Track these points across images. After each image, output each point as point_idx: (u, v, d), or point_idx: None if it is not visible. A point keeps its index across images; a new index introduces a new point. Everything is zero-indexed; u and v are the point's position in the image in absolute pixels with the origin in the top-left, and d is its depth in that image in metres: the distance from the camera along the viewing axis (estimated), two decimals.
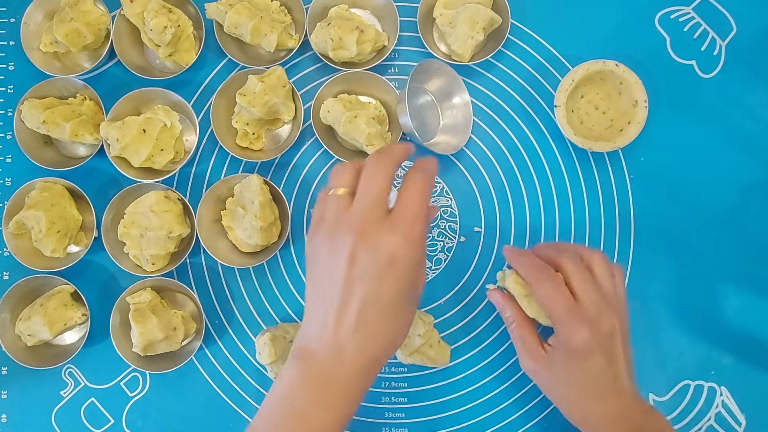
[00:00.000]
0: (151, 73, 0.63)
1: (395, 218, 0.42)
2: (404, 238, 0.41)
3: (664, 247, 0.62)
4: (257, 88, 0.59)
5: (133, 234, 0.59)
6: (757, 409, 0.60)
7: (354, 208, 0.43)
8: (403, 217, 0.42)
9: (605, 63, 0.59)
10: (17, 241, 0.61)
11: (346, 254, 0.41)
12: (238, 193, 0.60)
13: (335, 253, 0.42)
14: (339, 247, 0.42)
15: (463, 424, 0.61)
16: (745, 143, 0.62)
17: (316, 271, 0.44)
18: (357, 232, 0.41)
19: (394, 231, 0.41)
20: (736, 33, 0.63)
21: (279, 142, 0.64)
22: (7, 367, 0.62)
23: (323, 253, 0.43)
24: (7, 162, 0.64)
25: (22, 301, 0.61)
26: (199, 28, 0.63)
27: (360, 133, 0.58)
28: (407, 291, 0.43)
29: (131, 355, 0.59)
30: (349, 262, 0.41)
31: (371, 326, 0.42)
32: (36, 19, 0.63)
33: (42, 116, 0.59)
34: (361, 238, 0.41)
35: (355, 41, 0.59)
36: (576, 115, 0.62)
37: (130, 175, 0.60)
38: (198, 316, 0.61)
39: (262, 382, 0.62)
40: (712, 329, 0.61)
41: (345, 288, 0.41)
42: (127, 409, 0.62)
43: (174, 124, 0.61)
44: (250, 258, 0.61)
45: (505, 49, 0.64)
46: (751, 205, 0.62)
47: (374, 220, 0.41)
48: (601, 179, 0.63)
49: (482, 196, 0.63)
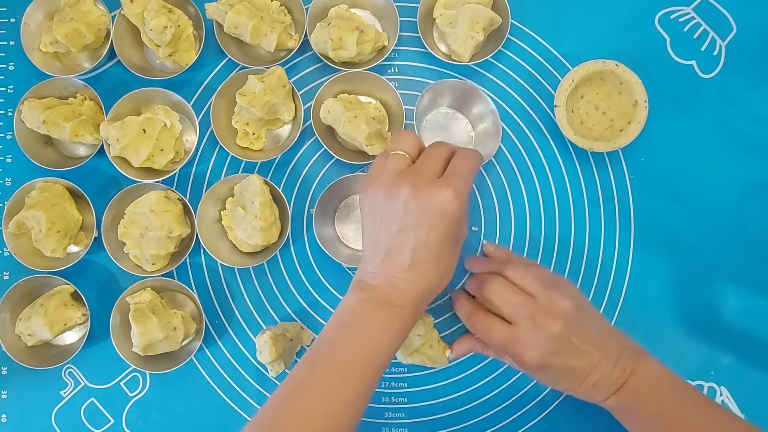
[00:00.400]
0: (151, 73, 0.63)
1: (448, 176, 0.48)
2: (455, 193, 0.47)
3: (664, 247, 0.62)
4: (257, 88, 0.59)
5: (133, 234, 0.59)
6: (757, 409, 0.60)
7: (412, 167, 0.49)
8: (455, 175, 0.48)
9: (605, 63, 0.59)
10: (17, 241, 0.61)
11: (402, 203, 0.47)
12: (238, 193, 0.60)
13: (391, 201, 0.47)
14: (395, 197, 0.47)
15: (463, 424, 0.61)
16: (745, 143, 0.62)
17: (372, 217, 0.49)
18: (412, 185, 0.47)
19: (445, 186, 0.47)
20: (736, 33, 0.63)
21: (279, 142, 0.64)
22: (7, 367, 0.62)
23: (380, 201, 0.48)
24: (7, 162, 0.64)
25: (22, 301, 0.61)
26: (199, 28, 0.63)
27: (360, 133, 0.58)
28: (453, 238, 0.48)
29: (131, 355, 0.59)
30: (404, 211, 0.47)
31: (421, 266, 0.47)
32: (36, 19, 0.63)
33: (42, 116, 0.59)
34: (416, 191, 0.47)
35: (355, 41, 0.59)
36: (576, 115, 0.62)
37: (130, 175, 0.60)
38: (198, 316, 0.61)
39: (262, 382, 0.62)
40: (712, 329, 0.61)
41: (399, 234, 0.47)
42: (127, 409, 0.62)
43: (174, 124, 0.61)
44: (250, 258, 0.61)
45: (505, 49, 0.64)
46: (751, 205, 0.62)
47: (429, 178, 0.48)
48: (601, 179, 0.63)
49: (482, 196, 0.63)
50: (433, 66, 0.64)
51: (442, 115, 0.63)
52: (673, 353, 0.61)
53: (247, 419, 0.61)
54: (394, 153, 0.50)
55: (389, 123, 0.63)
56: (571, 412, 0.61)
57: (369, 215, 0.50)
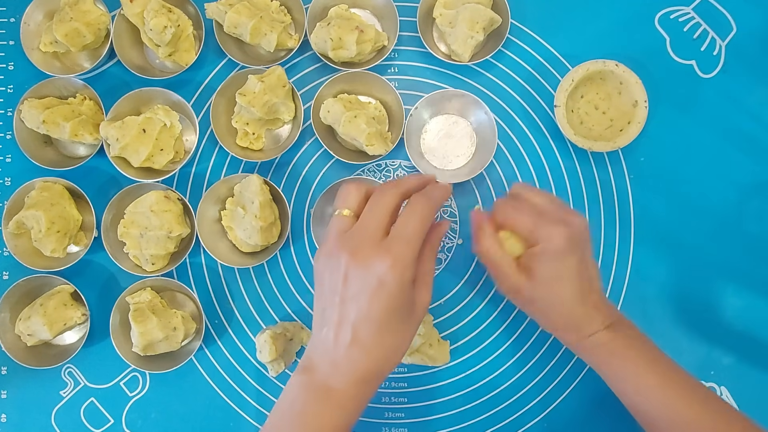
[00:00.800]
0: (151, 73, 0.63)
1: (389, 240, 0.44)
2: (393, 260, 0.43)
3: (664, 247, 0.62)
4: (257, 87, 0.59)
5: (132, 234, 0.59)
6: (757, 410, 0.60)
7: (353, 229, 0.45)
8: (396, 239, 0.44)
9: (605, 63, 0.59)
10: (17, 241, 0.61)
11: (342, 274, 0.44)
12: (238, 193, 0.60)
13: (333, 271, 0.44)
14: (336, 264, 0.44)
15: (463, 424, 0.61)
16: (745, 143, 0.62)
17: (320, 289, 0.46)
18: (350, 253, 0.43)
19: (385, 253, 0.43)
20: (736, 33, 0.63)
21: (279, 142, 0.64)
22: (7, 367, 0.62)
23: (322, 268, 0.46)
24: (7, 162, 0.64)
25: (22, 300, 0.61)
26: (199, 28, 0.63)
27: (360, 133, 0.58)
28: (401, 310, 0.44)
29: (131, 355, 0.59)
30: (343, 281, 0.43)
31: (363, 343, 0.44)
32: (36, 19, 0.63)
33: (42, 116, 0.59)
34: (353, 259, 0.43)
35: (355, 41, 0.59)
36: (576, 115, 0.62)
37: (130, 175, 0.60)
38: (198, 316, 0.61)
39: (262, 381, 0.62)
40: (712, 329, 0.61)
41: (340, 306, 0.44)
42: (126, 409, 0.62)
43: (174, 124, 0.61)
44: (250, 258, 0.61)
45: (505, 49, 0.64)
46: (751, 205, 0.62)
47: (369, 242, 0.44)
48: (601, 179, 0.63)
49: (482, 197, 0.63)
50: (433, 66, 0.64)
51: (443, 120, 0.63)
52: (673, 353, 0.60)
53: (247, 419, 0.61)
54: (337, 213, 0.47)
55: (389, 123, 0.63)
56: (571, 412, 0.61)
57: (317, 281, 0.46)
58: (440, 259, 0.62)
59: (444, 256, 0.62)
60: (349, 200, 0.47)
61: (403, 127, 0.60)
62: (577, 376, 0.61)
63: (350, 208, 0.46)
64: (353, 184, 0.48)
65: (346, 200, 0.47)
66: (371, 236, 0.44)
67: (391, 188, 0.46)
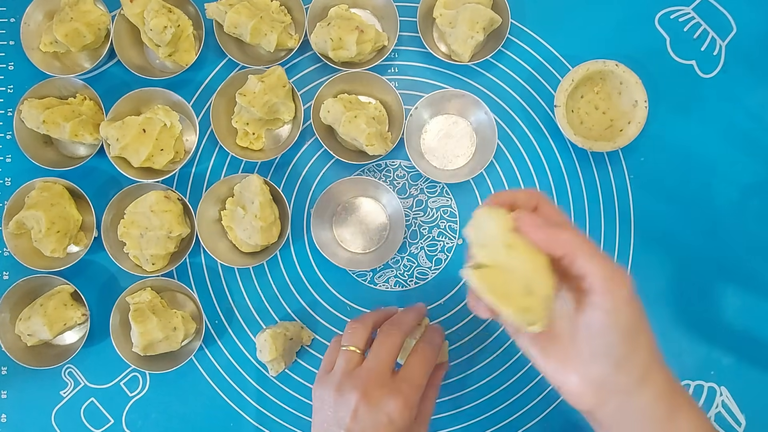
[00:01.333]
0: (151, 73, 0.63)
1: (399, 382, 0.47)
2: (404, 402, 0.46)
3: (664, 247, 0.62)
4: (257, 88, 0.59)
5: (133, 234, 0.59)
6: (757, 409, 0.60)
7: (363, 366, 0.48)
8: (405, 382, 0.47)
9: (605, 63, 0.59)
10: (17, 241, 0.61)
11: (351, 409, 0.46)
12: (238, 193, 0.60)
13: (340, 405, 0.47)
14: (345, 401, 0.46)
15: (463, 424, 0.61)
16: (745, 143, 0.62)
17: (321, 416, 0.48)
18: (362, 391, 0.46)
19: (397, 394, 0.46)
20: (736, 33, 0.63)
21: (279, 142, 0.64)
22: (7, 367, 0.62)
23: (329, 402, 0.48)
24: (7, 162, 0.64)
25: (22, 301, 0.61)
26: (199, 28, 0.63)
27: (360, 133, 0.58)
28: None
29: (131, 355, 0.59)
30: (352, 416, 0.46)
31: None
32: (36, 19, 0.63)
33: (42, 116, 0.59)
34: (365, 397, 0.46)
35: (355, 41, 0.59)
36: (576, 115, 0.62)
37: (130, 175, 0.60)
38: (198, 316, 0.61)
39: (262, 381, 0.62)
40: (712, 329, 0.61)
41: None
42: (127, 409, 0.62)
43: (174, 124, 0.61)
44: (250, 258, 0.61)
45: (505, 49, 0.64)
46: (751, 205, 0.62)
47: (379, 382, 0.47)
48: (601, 179, 0.63)
49: (482, 196, 0.63)
50: (433, 66, 0.64)
51: (443, 120, 0.63)
52: (673, 353, 0.61)
53: (247, 419, 0.61)
54: (345, 348, 0.50)
55: (389, 123, 0.63)
56: (571, 412, 0.60)
57: (318, 411, 0.49)
58: (440, 259, 0.62)
59: (444, 256, 0.62)
60: (356, 338, 0.50)
61: (403, 127, 0.60)
62: None
63: (356, 346, 0.50)
64: (359, 322, 0.51)
65: (352, 337, 0.50)
66: (381, 376, 0.47)
67: (393, 329, 0.50)
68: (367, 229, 0.62)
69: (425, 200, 0.63)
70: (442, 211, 0.63)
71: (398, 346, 0.49)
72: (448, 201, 0.63)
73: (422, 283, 0.62)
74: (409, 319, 0.52)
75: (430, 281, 0.62)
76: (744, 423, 0.60)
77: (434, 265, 0.62)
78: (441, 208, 0.63)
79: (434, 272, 0.62)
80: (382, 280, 0.62)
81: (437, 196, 0.63)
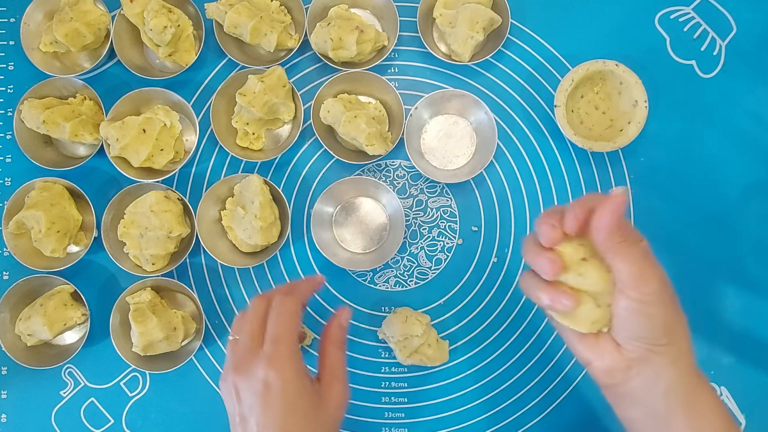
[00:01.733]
0: (151, 73, 0.63)
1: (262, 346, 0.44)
2: (269, 359, 0.43)
3: (664, 247, 0.62)
4: (257, 88, 0.59)
5: (133, 234, 0.59)
6: (757, 409, 0.60)
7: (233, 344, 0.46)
8: (267, 342, 0.44)
9: (605, 63, 0.59)
10: (17, 241, 0.61)
11: (233, 393, 0.44)
12: (238, 193, 0.60)
13: (228, 395, 0.45)
14: (226, 387, 0.45)
15: (463, 424, 0.61)
16: (745, 143, 0.62)
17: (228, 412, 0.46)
18: (234, 370, 0.44)
19: (260, 358, 0.44)
20: (736, 33, 0.63)
21: (279, 142, 0.64)
22: (7, 367, 0.62)
23: (224, 396, 0.46)
24: (7, 162, 0.64)
25: (22, 301, 0.61)
26: (199, 28, 0.63)
27: (360, 132, 0.58)
28: (302, 408, 0.43)
29: (131, 355, 0.59)
30: (237, 399, 0.44)
31: None
32: (36, 19, 0.63)
33: (42, 116, 0.59)
34: (237, 373, 0.44)
35: (355, 41, 0.59)
36: (576, 115, 0.62)
37: (130, 175, 0.60)
38: (198, 316, 0.61)
39: None
40: (712, 329, 0.61)
41: (241, 425, 0.44)
42: (127, 409, 0.61)
43: (174, 124, 0.61)
44: (250, 258, 0.61)
45: (505, 49, 0.64)
46: (751, 205, 0.62)
47: (246, 354, 0.44)
48: (601, 179, 0.63)
49: (482, 196, 0.63)
50: (433, 66, 0.64)
51: (443, 120, 0.63)
52: None
53: None
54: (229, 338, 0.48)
55: (389, 123, 0.63)
56: (571, 412, 0.61)
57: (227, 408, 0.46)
58: (440, 259, 0.62)
59: (444, 256, 0.62)
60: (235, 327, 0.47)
61: (403, 127, 0.60)
62: (576, 377, 0.61)
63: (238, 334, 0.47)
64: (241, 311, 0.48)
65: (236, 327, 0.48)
66: (245, 348, 0.45)
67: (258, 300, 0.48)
68: (367, 229, 0.62)
69: (425, 200, 0.63)
70: (442, 211, 0.63)
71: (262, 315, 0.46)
72: (448, 201, 0.63)
73: (422, 283, 0.62)
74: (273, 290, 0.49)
75: (430, 281, 0.62)
76: (744, 423, 0.60)
77: (434, 265, 0.62)
78: (441, 208, 0.63)
79: (434, 272, 0.62)
80: (382, 280, 0.62)
81: (437, 196, 0.63)
